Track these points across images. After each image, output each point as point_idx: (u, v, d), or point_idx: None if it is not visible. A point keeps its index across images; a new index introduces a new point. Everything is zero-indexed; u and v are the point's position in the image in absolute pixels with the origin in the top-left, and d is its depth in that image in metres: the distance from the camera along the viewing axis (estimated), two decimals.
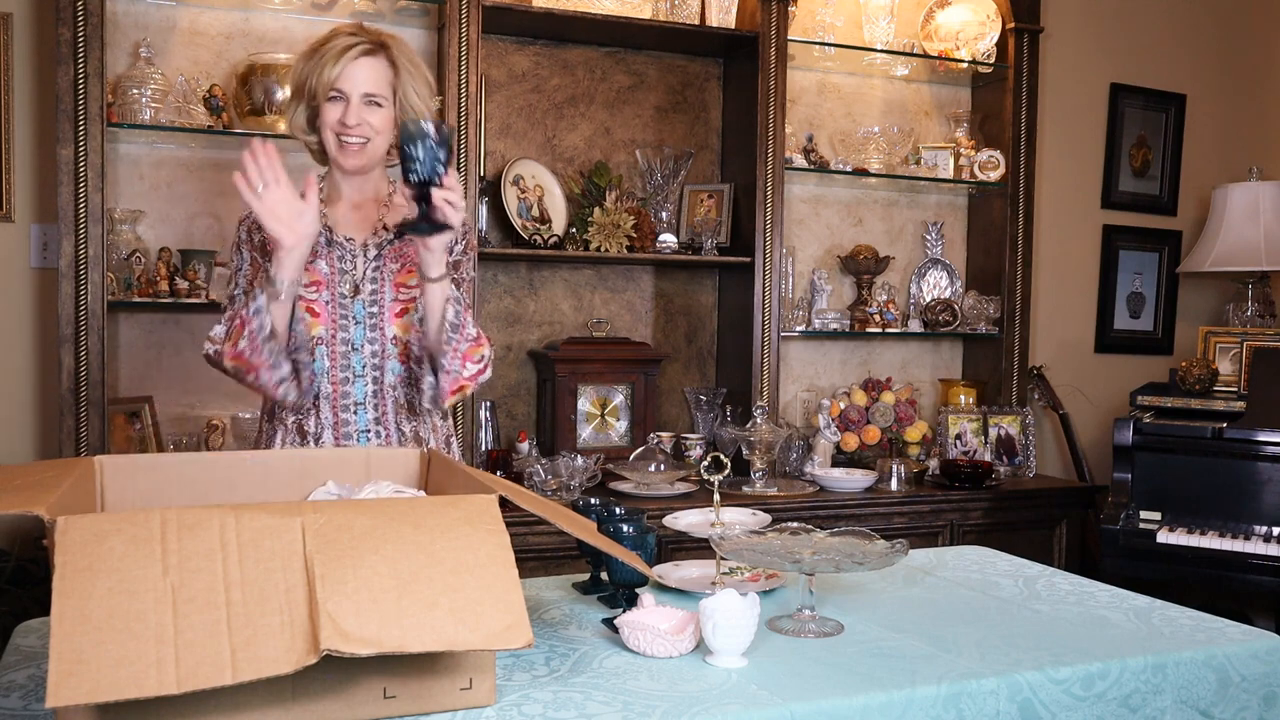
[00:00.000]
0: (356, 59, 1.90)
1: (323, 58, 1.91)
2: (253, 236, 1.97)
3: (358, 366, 1.96)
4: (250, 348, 1.81)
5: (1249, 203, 3.83)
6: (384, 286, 1.98)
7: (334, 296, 1.95)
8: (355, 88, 1.91)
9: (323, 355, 1.94)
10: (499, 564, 1.22)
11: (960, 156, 3.68)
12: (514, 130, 3.32)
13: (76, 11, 2.60)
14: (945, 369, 3.93)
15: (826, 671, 1.44)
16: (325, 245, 1.97)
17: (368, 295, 1.96)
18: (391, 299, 1.97)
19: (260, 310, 1.79)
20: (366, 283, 1.97)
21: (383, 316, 1.97)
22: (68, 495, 1.27)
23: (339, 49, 1.90)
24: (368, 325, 1.96)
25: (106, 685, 1.01)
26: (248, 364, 1.83)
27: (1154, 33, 4.22)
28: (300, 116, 1.99)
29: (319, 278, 1.94)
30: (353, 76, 1.90)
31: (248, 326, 1.80)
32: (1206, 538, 2.99)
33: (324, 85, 1.90)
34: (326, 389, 1.96)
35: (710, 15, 3.34)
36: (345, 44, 1.91)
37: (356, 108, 1.91)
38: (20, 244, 2.88)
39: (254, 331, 1.80)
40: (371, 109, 1.92)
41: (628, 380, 3.31)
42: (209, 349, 1.91)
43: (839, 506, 3.15)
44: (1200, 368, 3.30)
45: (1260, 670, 1.60)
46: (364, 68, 1.91)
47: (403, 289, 1.98)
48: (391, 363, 1.97)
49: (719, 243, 3.39)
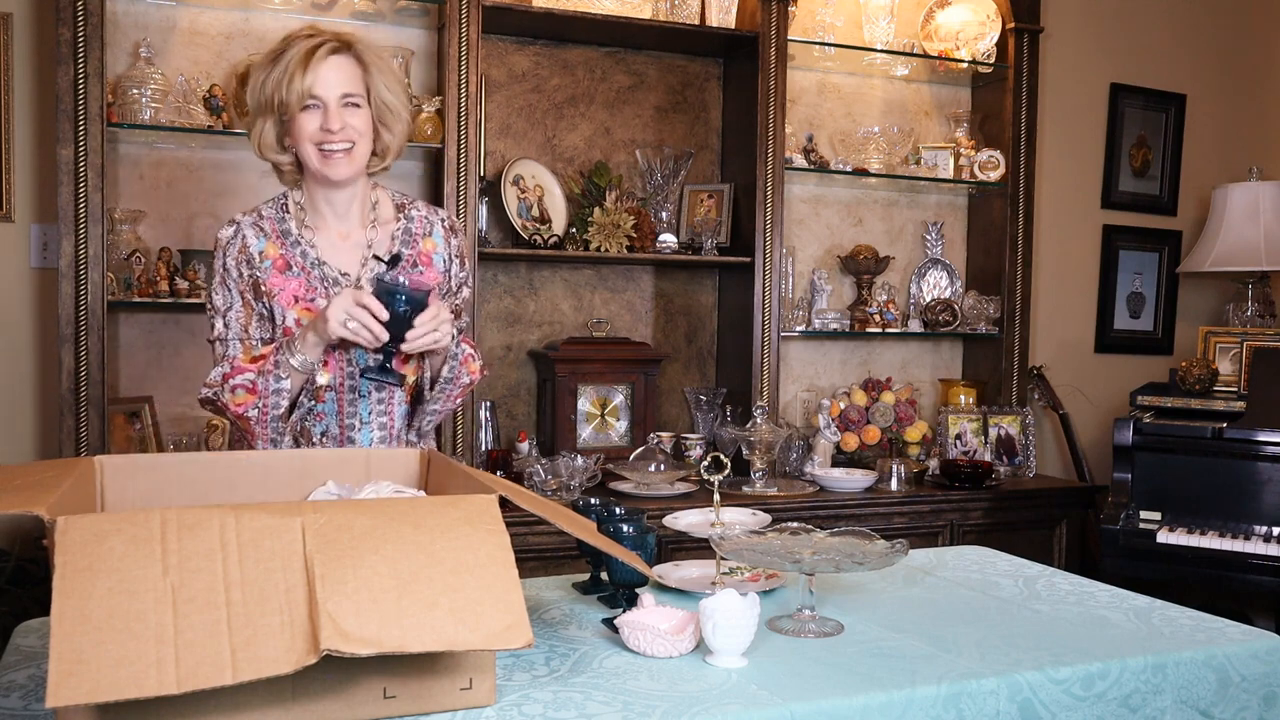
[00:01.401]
0: (326, 59, 1.77)
1: (288, 66, 1.76)
2: (241, 272, 1.85)
3: (364, 414, 1.91)
4: (259, 419, 1.78)
5: (1249, 203, 3.83)
6: None
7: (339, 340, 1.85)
8: (330, 90, 1.77)
9: (331, 399, 1.88)
10: (499, 564, 1.22)
11: (960, 156, 3.68)
12: (514, 130, 3.32)
13: (76, 11, 2.60)
14: (945, 369, 3.93)
15: (826, 671, 1.44)
16: (320, 281, 1.86)
17: None
18: None
19: (281, 391, 1.76)
20: None
21: None
22: (68, 495, 1.27)
23: (304, 52, 1.76)
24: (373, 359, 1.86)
25: (106, 685, 1.01)
26: (249, 429, 1.80)
27: (1154, 33, 4.22)
28: (269, 134, 1.84)
29: None
30: (326, 79, 1.77)
31: (262, 399, 1.76)
32: (1206, 538, 2.99)
33: (296, 94, 1.76)
34: (334, 429, 1.90)
35: (710, 15, 3.34)
36: (309, 46, 1.77)
37: (337, 111, 1.78)
38: (20, 244, 2.88)
39: (266, 408, 1.77)
40: (350, 110, 1.80)
41: (628, 380, 3.31)
42: (205, 393, 1.83)
43: (839, 506, 3.15)
44: (1200, 368, 3.30)
45: (1260, 670, 1.60)
46: (335, 68, 1.78)
47: None
48: (400, 408, 1.94)
49: (719, 243, 3.39)
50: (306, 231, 1.89)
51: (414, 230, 1.95)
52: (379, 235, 1.92)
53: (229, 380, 1.79)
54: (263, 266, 1.86)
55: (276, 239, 1.88)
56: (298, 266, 1.87)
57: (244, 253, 1.86)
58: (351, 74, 1.80)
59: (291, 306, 1.85)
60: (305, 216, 1.90)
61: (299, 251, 1.87)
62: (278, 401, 1.77)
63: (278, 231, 1.88)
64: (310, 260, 1.87)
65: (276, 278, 1.85)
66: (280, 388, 1.77)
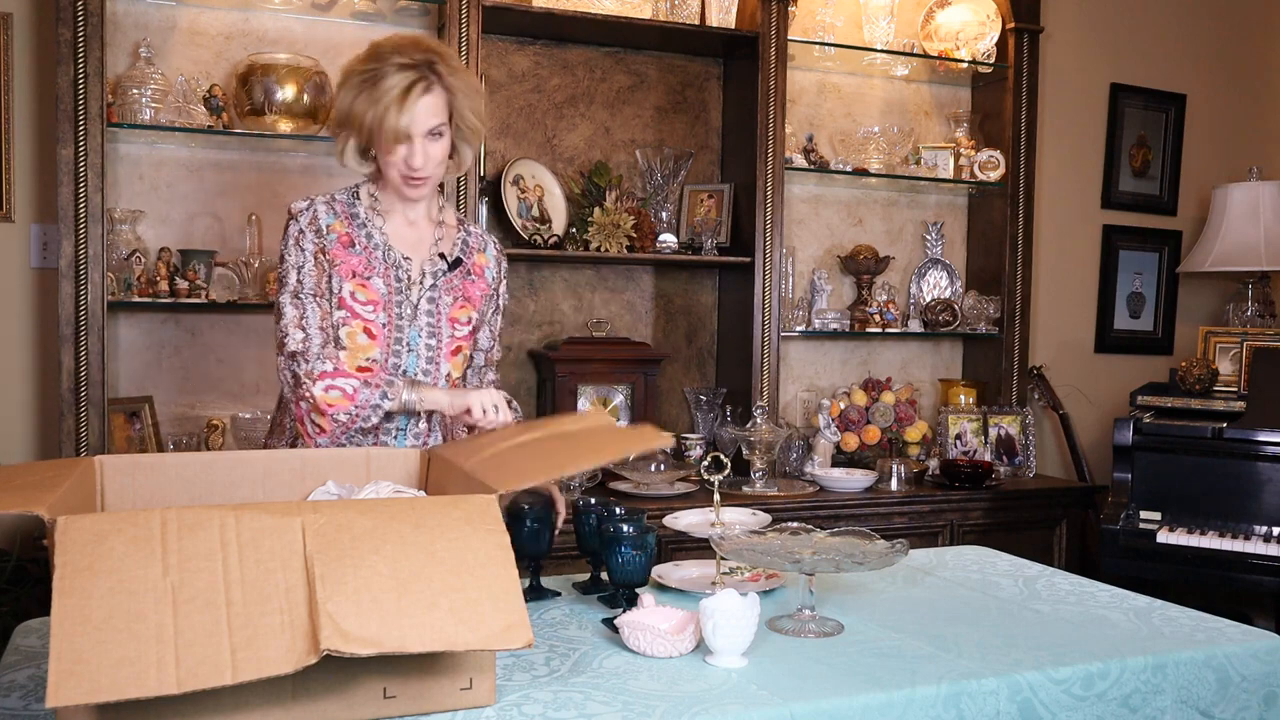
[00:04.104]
0: (420, 99, 1.82)
1: (382, 100, 1.80)
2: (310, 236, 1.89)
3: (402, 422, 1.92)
4: (343, 426, 1.80)
5: (1249, 203, 3.83)
6: (440, 321, 1.95)
7: (390, 319, 1.90)
8: (420, 129, 1.83)
9: None
10: (499, 564, 1.22)
11: (960, 156, 3.68)
12: (514, 130, 3.32)
13: (76, 11, 2.60)
14: (945, 369, 3.93)
15: (826, 671, 1.44)
16: (383, 262, 1.92)
17: (424, 325, 1.93)
18: (449, 335, 1.95)
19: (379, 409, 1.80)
20: (422, 313, 1.93)
21: (440, 351, 1.94)
22: (68, 495, 1.27)
23: (400, 90, 1.80)
24: (424, 357, 1.93)
25: (106, 685, 1.01)
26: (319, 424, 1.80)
27: (1154, 33, 4.22)
28: (351, 151, 1.92)
29: (376, 297, 1.89)
30: (419, 118, 1.82)
31: (356, 406, 1.79)
32: (1206, 538, 2.99)
33: (390, 133, 1.81)
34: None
35: (710, 15, 3.34)
36: (404, 83, 1.81)
37: (421, 148, 1.84)
38: (20, 244, 2.88)
39: (356, 417, 1.80)
40: (433, 141, 1.86)
41: (628, 380, 3.31)
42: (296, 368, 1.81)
43: (839, 506, 3.15)
44: (1200, 368, 3.30)
45: (1260, 670, 1.60)
46: (426, 107, 1.83)
47: (457, 325, 1.96)
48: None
49: (719, 243, 3.39)
50: (376, 218, 1.96)
51: (471, 243, 2.06)
52: (444, 235, 2.01)
53: (327, 379, 1.80)
54: (329, 238, 1.91)
55: (345, 219, 1.94)
56: (361, 245, 1.93)
57: (314, 223, 1.92)
58: (440, 106, 1.86)
59: (349, 279, 1.89)
60: (378, 204, 1.97)
61: (364, 233, 1.94)
62: (370, 416, 1.81)
63: (347, 214, 1.95)
64: (375, 242, 1.93)
65: (339, 250, 1.91)
66: (381, 405, 1.81)
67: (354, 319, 1.87)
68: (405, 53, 1.83)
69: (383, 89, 1.81)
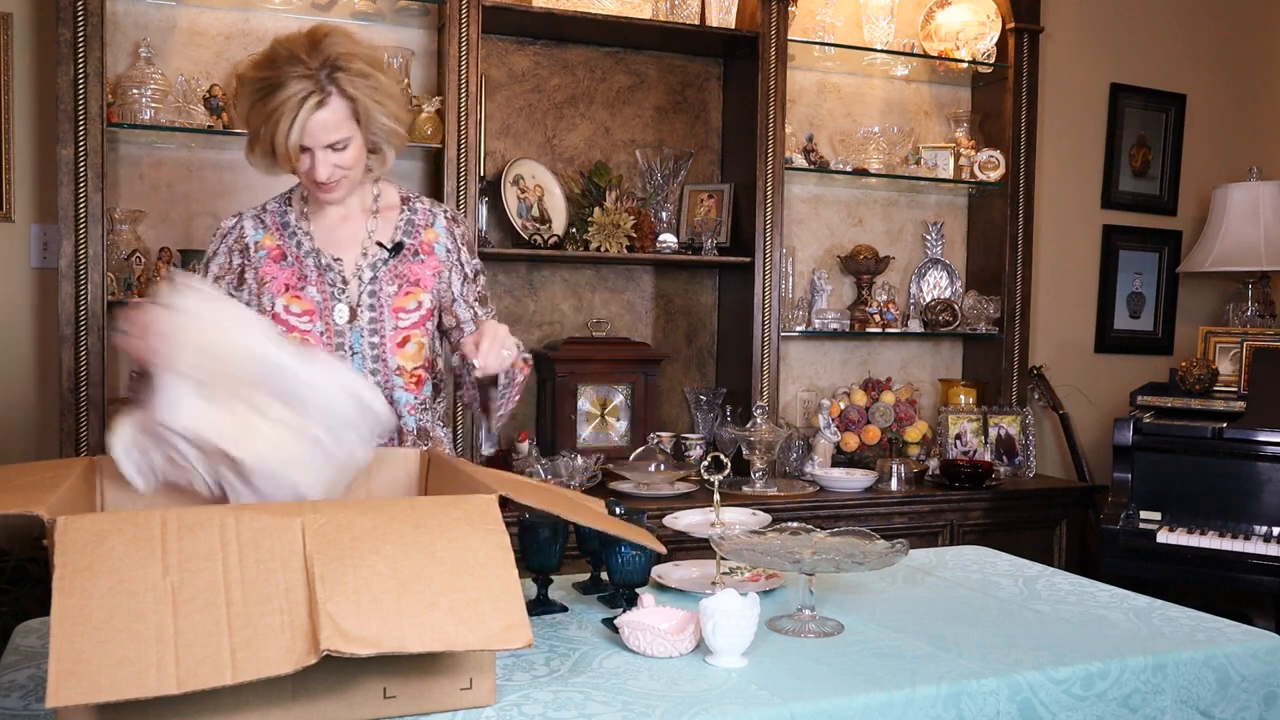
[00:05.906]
0: (313, 115, 1.70)
1: (273, 115, 1.69)
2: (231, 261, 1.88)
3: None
4: None
5: (1249, 203, 3.83)
6: (383, 314, 1.87)
7: (329, 327, 1.85)
8: (318, 142, 1.73)
9: None
10: (499, 564, 1.22)
11: (960, 156, 3.68)
12: (514, 130, 3.32)
13: (76, 11, 2.60)
14: (945, 369, 3.93)
15: (826, 671, 1.44)
16: (315, 269, 1.87)
17: (365, 324, 1.86)
18: (392, 328, 1.87)
19: None
20: (364, 310, 1.86)
21: (384, 348, 1.87)
22: (68, 495, 1.27)
23: (293, 104, 1.68)
24: (369, 357, 1.86)
25: (106, 685, 1.01)
26: None
27: (1154, 33, 4.22)
28: (263, 160, 1.79)
29: (311, 306, 1.85)
30: (314, 133, 1.71)
31: None
32: (1206, 538, 2.99)
33: (283, 148, 1.71)
34: None
35: (710, 15, 3.34)
36: (298, 96, 1.68)
37: (324, 159, 1.75)
38: (20, 244, 2.88)
39: None
40: (338, 151, 1.76)
41: (628, 380, 3.31)
42: None
43: (839, 506, 3.15)
44: (1200, 368, 3.30)
45: (1260, 670, 1.60)
46: (322, 124, 1.71)
47: (402, 314, 1.88)
48: (401, 394, 1.89)
49: (719, 243, 3.39)
50: (304, 222, 1.91)
51: (417, 221, 1.95)
52: (381, 223, 1.93)
53: None
54: (257, 256, 1.89)
55: (276, 230, 1.91)
56: (292, 256, 1.89)
57: (239, 242, 1.90)
58: (340, 120, 1.73)
59: (281, 294, 1.86)
60: (305, 208, 1.92)
61: (294, 242, 1.90)
62: None
63: (278, 224, 1.92)
64: (305, 250, 1.89)
65: (270, 267, 1.88)
66: None
67: (290, 332, 1.82)
68: (302, 60, 1.69)
69: (275, 102, 1.69)
